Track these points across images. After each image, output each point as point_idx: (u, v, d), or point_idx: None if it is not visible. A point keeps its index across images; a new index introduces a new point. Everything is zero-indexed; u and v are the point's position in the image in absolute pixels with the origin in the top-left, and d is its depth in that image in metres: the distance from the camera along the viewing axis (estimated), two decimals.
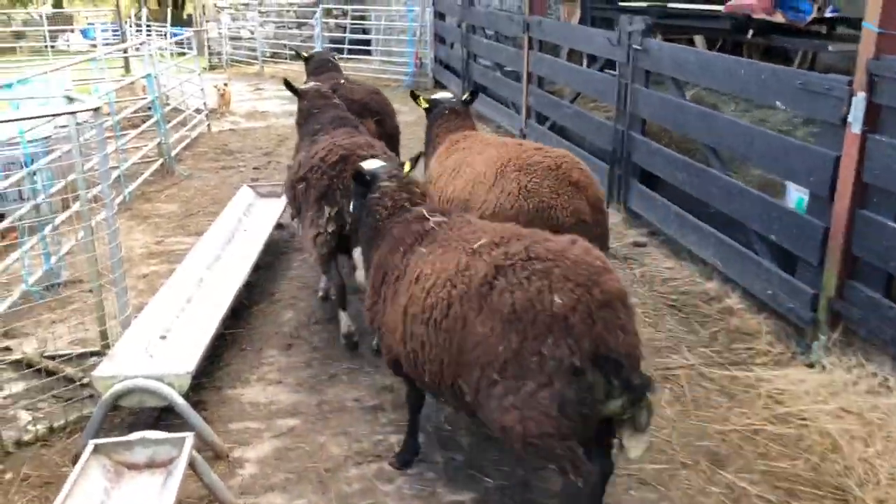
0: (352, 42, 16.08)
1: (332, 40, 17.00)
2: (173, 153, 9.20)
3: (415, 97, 5.05)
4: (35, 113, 4.52)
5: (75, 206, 4.96)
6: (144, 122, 8.55)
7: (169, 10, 22.25)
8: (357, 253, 4.35)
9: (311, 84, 5.63)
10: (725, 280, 5.22)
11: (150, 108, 8.42)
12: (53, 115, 4.33)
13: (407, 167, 3.58)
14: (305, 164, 4.53)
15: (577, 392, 2.47)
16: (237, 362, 4.46)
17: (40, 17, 33.26)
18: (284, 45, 17.76)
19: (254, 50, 18.19)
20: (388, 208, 3.32)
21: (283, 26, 20.76)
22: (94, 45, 24.44)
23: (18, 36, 29.14)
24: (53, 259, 5.17)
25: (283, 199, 5.96)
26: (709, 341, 4.60)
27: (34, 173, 4.97)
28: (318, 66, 7.03)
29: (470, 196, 3.99)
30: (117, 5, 20.70)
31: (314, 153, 4.51)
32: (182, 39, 12.39)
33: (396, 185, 3.39)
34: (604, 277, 2.56)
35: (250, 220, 6.25)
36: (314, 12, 17.37)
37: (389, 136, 5.91)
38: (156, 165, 8.40)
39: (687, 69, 5.67)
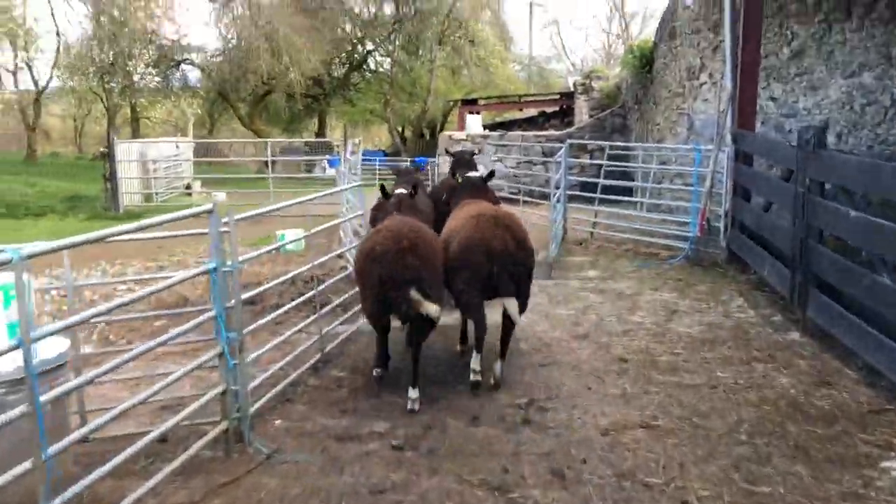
0: (608, 189, 11.75)
1: (584, 185, 12.95)
2: (287, 382, 5.42)
3: (453, 174, 6.99)
4: None
5: None
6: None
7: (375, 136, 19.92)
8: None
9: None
10: None
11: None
12: None
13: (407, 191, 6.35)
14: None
15: (379, 294, 5.17)
16: None
17: (303, 144, 33.89)
18: (519, 187, 14.09)
19: None
20: (389, 210, 6.09)
21: (529, 162, 17.27)
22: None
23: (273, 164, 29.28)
24: None
25: None
26: None
27: None
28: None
29: (454, 230, 5.74)
30: (344, 134, 18.62)
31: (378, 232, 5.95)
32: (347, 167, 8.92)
33: (396, 201, 6.14)
34: (402, 240, 5.12)
35: None
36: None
37: None
38: (216, 432, 4.55)
39: None
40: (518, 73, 44.61)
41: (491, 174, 6.73)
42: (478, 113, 26.06)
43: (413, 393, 5.16)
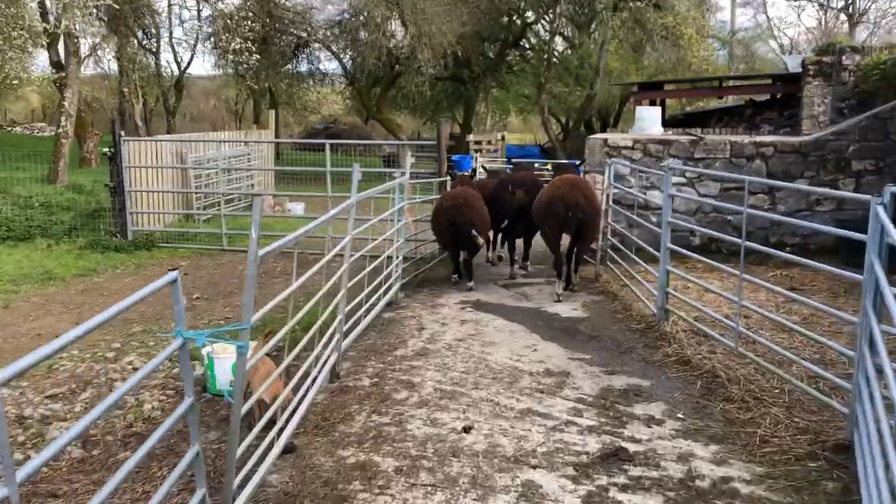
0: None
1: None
2: None
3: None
4: None
5: None
6: None
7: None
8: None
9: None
10: None
11: None
12: None
13: (469, 174, 11.46)
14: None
15: (448, 233, 8.57)
16: None
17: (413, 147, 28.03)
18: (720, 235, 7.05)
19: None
20: (455, 182, 10.28)
21: (730, 189, 10.09)
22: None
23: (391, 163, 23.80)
24: None
25: None
26: None
27: None
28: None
29: (542, 193, 8.61)
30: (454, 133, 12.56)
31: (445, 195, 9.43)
32: None
33: (459, 180, 10.32)
34: (459, 202, 8.44)
35: None
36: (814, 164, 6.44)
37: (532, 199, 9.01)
38: None
39: None
40: (716, 52, 35.84)
41: (583, 161, 10.92)
42: (657, 104, 18.79)
43: (470, 283, 8.81)
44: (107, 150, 12.52)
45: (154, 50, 40.55)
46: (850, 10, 46.35)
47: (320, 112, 41.94)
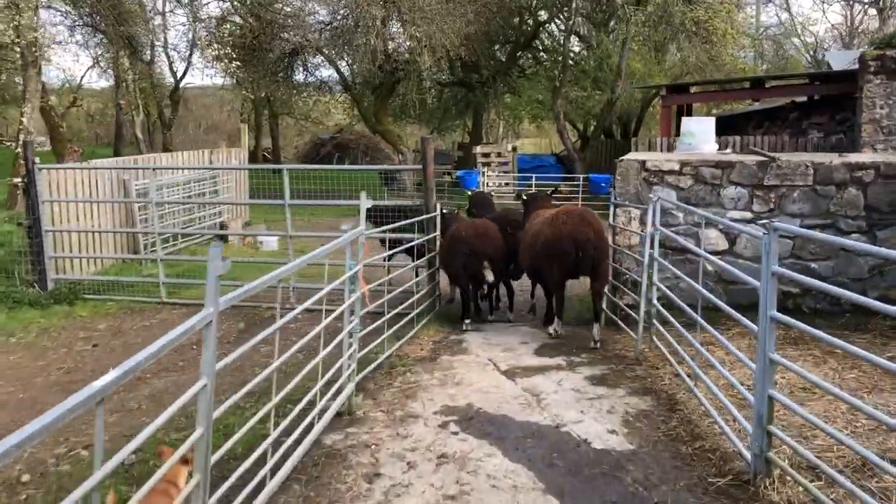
0: None
1: None
2: None
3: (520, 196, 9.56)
4: None
5: None
6: None
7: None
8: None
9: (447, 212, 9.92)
10: None
11: None
12: None
13: (457, 211, 10.78)
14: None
15: (468, 263, 8.14)
16: None
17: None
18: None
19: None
20: (447, 220, 9.13)
21: (832, 225, 7.50)
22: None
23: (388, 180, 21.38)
24: None
25: None
26: None
27: None
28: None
29: (539, 229, 7.69)
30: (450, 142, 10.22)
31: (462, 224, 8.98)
32: None
33: (449, 215, 9.40)
34: (479, 231, 8.25)
35: None
36: None
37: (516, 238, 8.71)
38: None
39: None
40: (747, 50, 33.07)
41: (556, 190, 10.89)
42: (684, 108, 16.20)
43: (491, 316, 9.11)
44: (18, 180, 10.17)
45: (147, 60, 38.40)
46: (882, 3, 43.28)
47: (323, 122, 39.61)
